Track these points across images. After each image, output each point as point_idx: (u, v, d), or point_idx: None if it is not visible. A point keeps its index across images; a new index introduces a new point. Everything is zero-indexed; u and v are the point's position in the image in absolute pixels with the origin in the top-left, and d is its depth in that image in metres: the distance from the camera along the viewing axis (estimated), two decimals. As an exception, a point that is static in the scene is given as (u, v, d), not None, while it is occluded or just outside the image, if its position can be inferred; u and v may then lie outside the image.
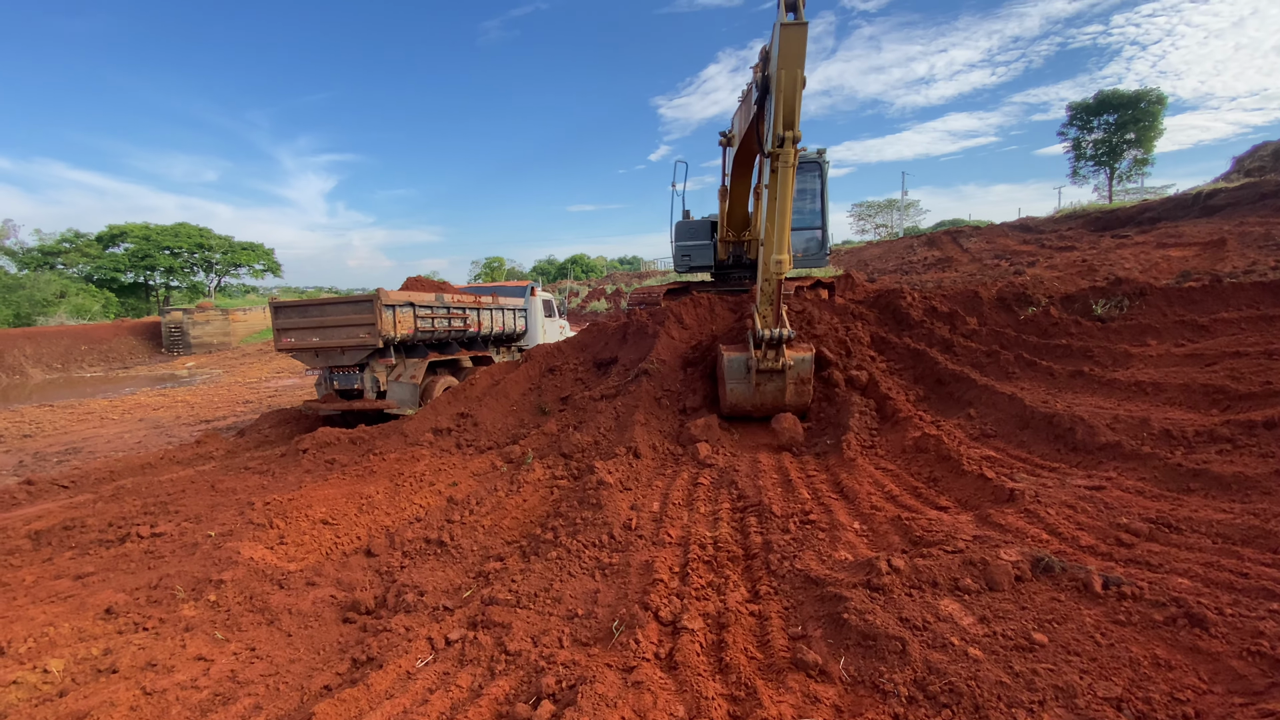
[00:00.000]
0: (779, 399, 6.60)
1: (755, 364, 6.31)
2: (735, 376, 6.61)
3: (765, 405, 6.73)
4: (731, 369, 6.61)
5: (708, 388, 6.95)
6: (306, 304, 10.00)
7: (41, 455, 10.15)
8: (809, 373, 6.46)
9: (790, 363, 6.39)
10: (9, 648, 3.45)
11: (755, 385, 6.59)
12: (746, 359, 6.45)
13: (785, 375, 6.44)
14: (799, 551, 3.52)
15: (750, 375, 6.47)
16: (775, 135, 5.62)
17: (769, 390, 6.61)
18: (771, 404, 6.67)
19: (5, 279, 38.45)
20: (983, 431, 5.66)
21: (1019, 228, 28.90)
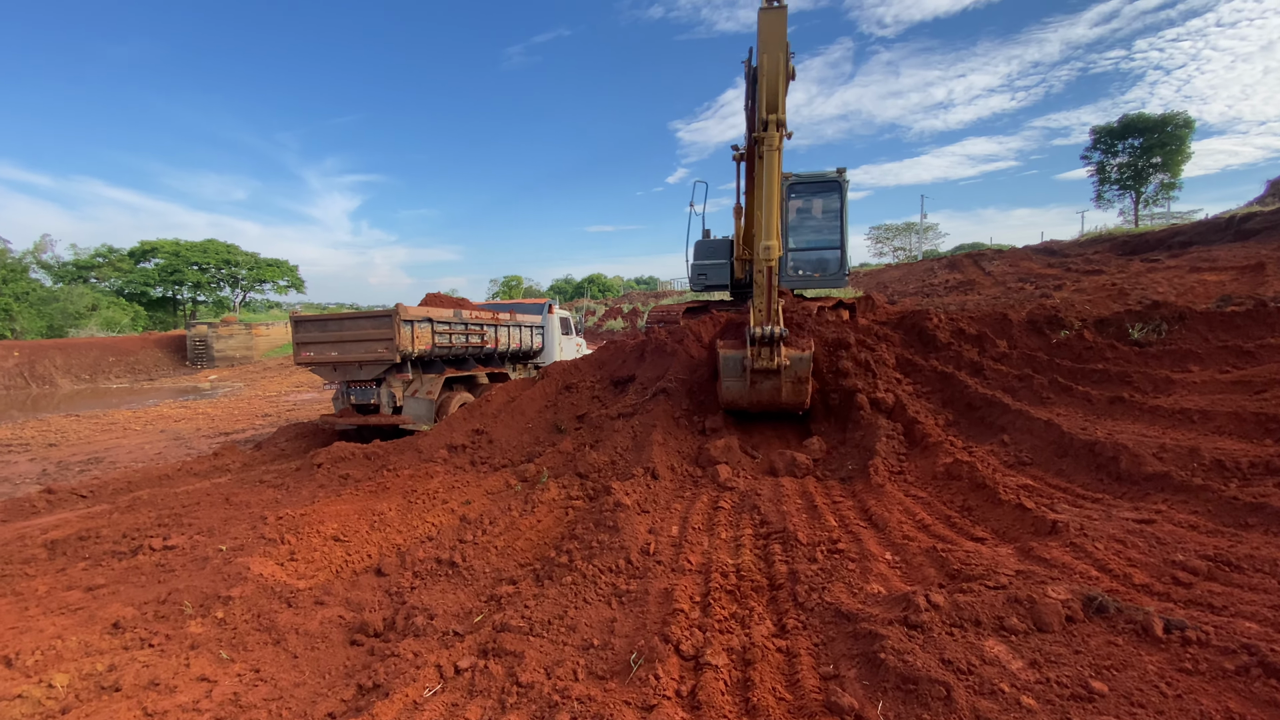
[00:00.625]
0: (775, 397, 6.52)
1: (750, 362, 6.24)
2: (731, 374, 6.56)
3: (761, 403, 6.69)
4: (727, 367, 6.56)
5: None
6: (326, 319, 10.05)
7: (65, 464, 10.23)
8: (806, 372, 6.33)
9: (786, 362, 6.28)
10: (16, 660, 3.37)
11: (751, 383, 6.52)
12: (742, 357, 6.38)
13: (781, 374, 6.34)
14: (828, 583, 3.32)
15: (746, 373, 6.40)
16: (760, 119, 5.62)
17: (765, 388, 6.53)
18: (768, 402, 6.61)
19: (40, 292, 39.57)
20: (1018, 459, 5.42)
21: (1043, 251, 28.47)
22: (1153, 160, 37.79)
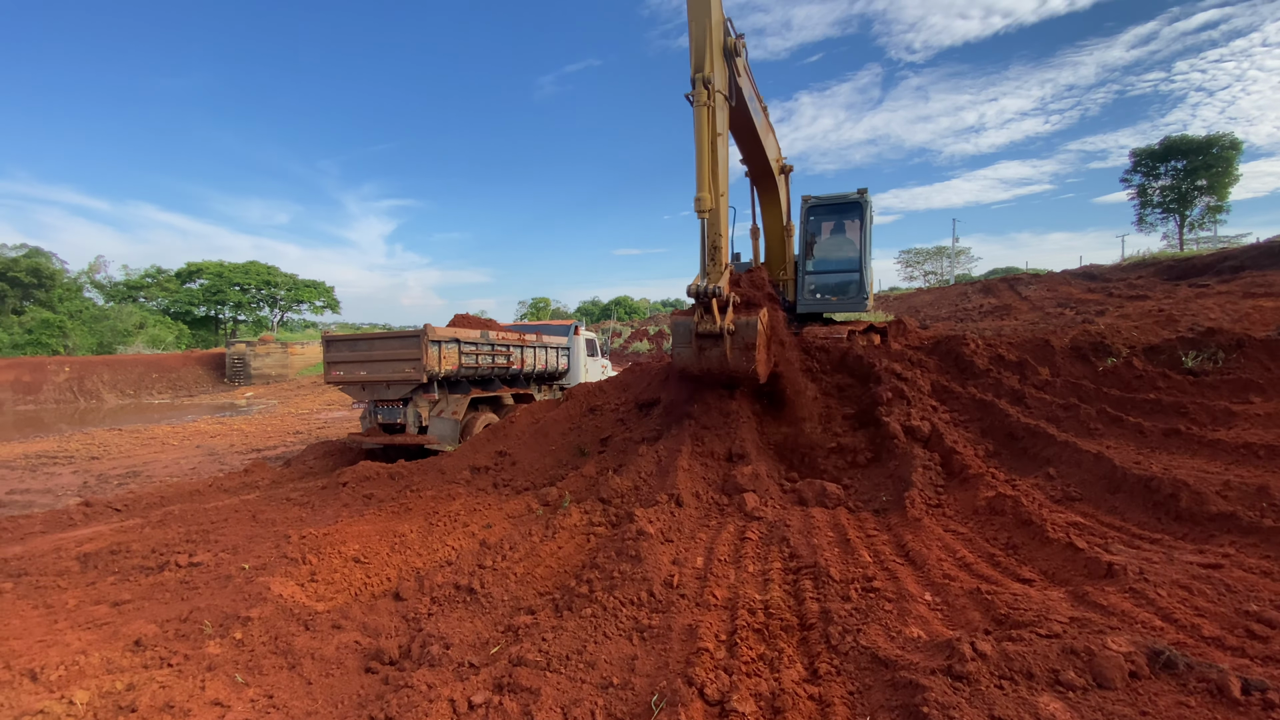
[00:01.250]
0: (722, 365, 6.34)
1: (693, 327, 6.16)
2: (680, 340, 6.51)
3: (711, 371, 6.52)
4: (676, 332, 6.54)
5: (756, 433, 6.61)
6: (356, 338, 10.20)
7: (105, 477, 10.50)
8: (753, 338, 6.12)
9: (731, 327, 6.13)
10: (41, 674, 3.37)
11: (699, 350, 6.42)
12: (690, 322, 6.29)
13: (725, 339, 6.17)
14: (863, 624, 3.12)
15: (693, 339, 6.33)
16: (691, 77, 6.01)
17: (713, 356, 6.38)
18: (717, 370, 6.46)
19: (93, 310, 41.40)
20: (1066, 494, 5.12)
21: (1083, 275, 27.62)
22: (1197, 183, 36.63)
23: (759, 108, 8.16)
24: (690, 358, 6.52)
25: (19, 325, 36.45)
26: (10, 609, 4.34)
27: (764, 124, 8.47)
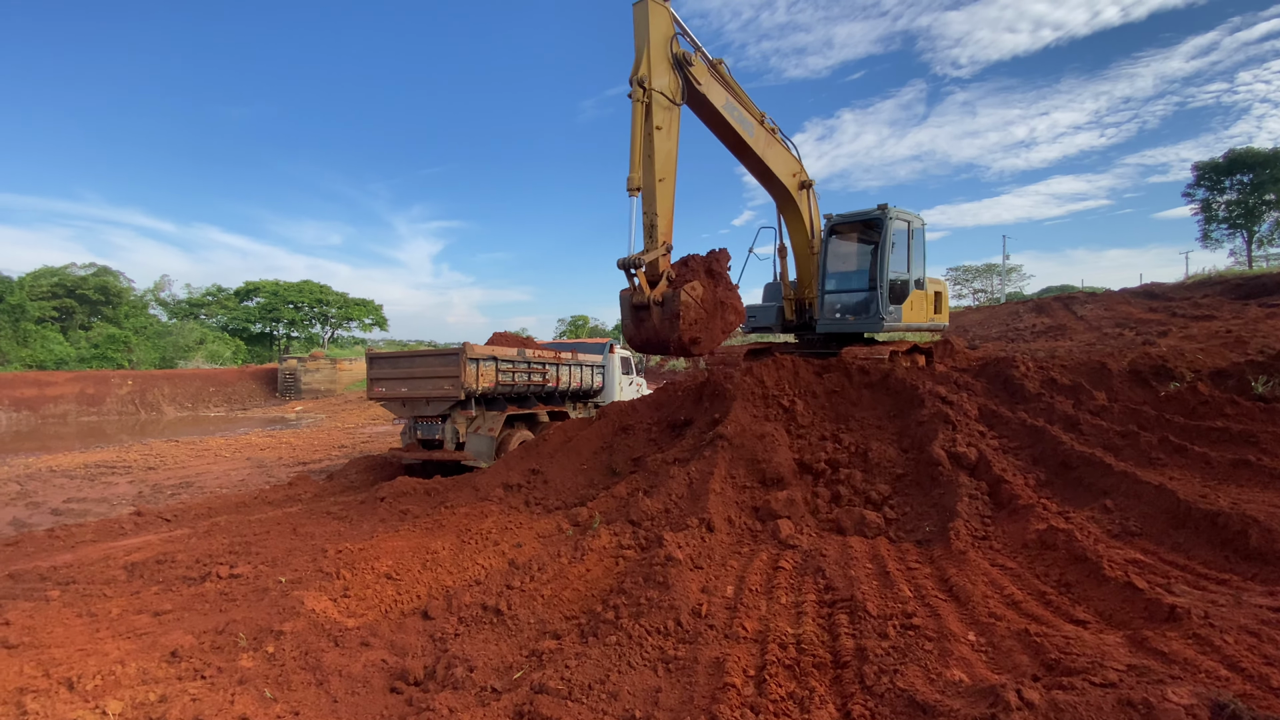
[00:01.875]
0: (653, 334, 7.00)
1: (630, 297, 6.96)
2: (624, 312, 7.17)
3: (649, 340, 7.18)
4: (621, 305, 7.23)
5: (791, 456, 6.44)
6: (398, 355, 10.44)
7: (159, 487, 10.95)
8: (677, 308, 6.71)
9: (658, 298, 6.83)
10: (78, 684, 3.47)
11: (636, 321, 7.09)
12: (627, 295, 7.01)
13: (652, 309, 6.86)
14: (901, 664, 2.95)
15: (630, 310, 7.03)
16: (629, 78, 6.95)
17: (648, 326, 7.02)
18: (652, 339, 7.07)
19: (156, 326, 43.76)
20: (1124, 528, 4.79)
21: (1143, 294, 26.32)
22: (1265, 197, 34.67)
23: (749, 120, 8.52)
24: (631, 328, 7.21)
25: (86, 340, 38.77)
26: (55, 617, 4.51)
27: (761, 137, 8.76)
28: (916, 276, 9.63)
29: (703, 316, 7.14)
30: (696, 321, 7.03)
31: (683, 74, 7.36)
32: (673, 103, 7.26)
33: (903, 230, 9.46)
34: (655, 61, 7.01)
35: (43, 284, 40.03)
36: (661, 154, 7.06)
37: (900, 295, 9.32)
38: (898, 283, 9.28)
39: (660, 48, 7.10)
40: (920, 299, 9.62)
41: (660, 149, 7.04)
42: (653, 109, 6.97)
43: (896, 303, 9.26)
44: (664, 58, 7.15)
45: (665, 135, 7.15)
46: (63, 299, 40.41)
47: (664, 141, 7.12)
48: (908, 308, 9.39)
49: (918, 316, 9.63)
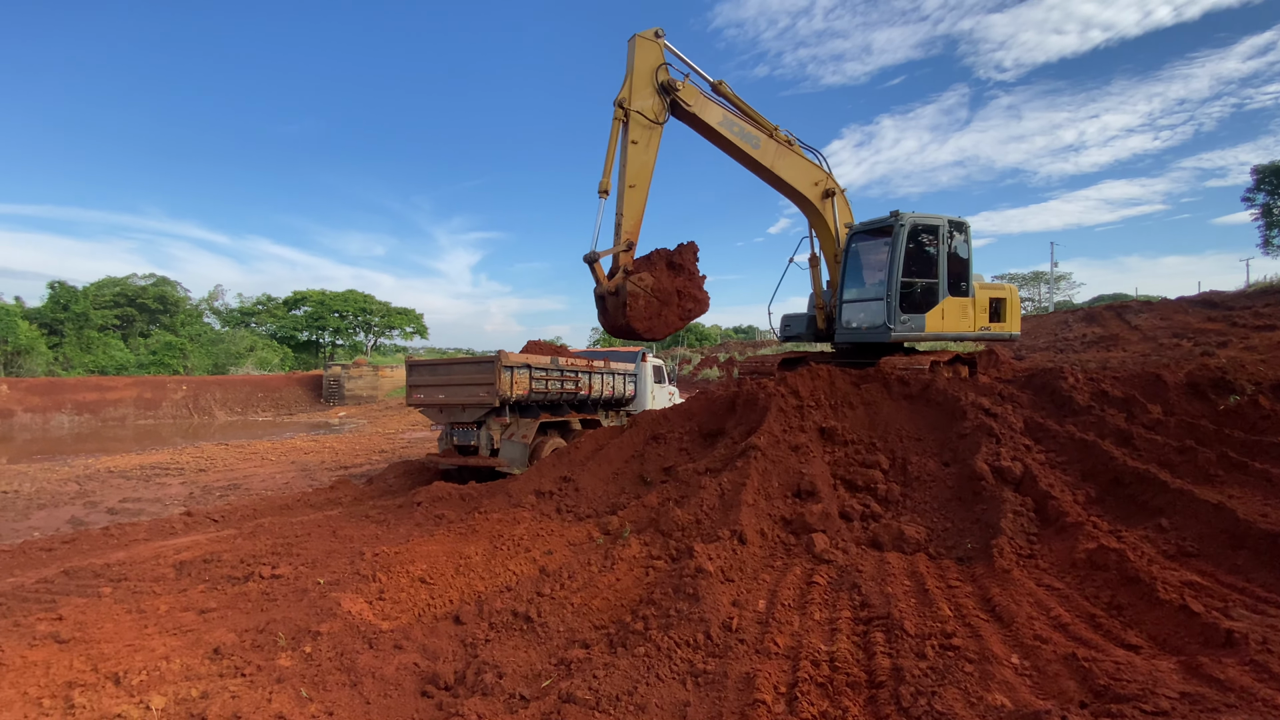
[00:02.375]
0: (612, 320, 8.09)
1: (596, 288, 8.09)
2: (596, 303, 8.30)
3: (611, 327, 8.31)
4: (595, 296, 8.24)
5: (828, 470, 6.31)
6: (436, 363, 10.66)
7: (209, 488, 11.40)
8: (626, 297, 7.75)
9: (612, 289, 7.89)
10: (124, 678, 3.60)
11: (601, 309, 8.27)
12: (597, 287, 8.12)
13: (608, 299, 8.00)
14: (939, 686, 2.84)
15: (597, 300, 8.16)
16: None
17: (608, 313, 8.14)
18: (614, 325, 8.18)
19: (210, 334, 45.77)
20: (1180, 548, 4.54)
21: (1201, 303, 25.01)
22: (1330, 201, 32.68)
23: (753, 134, 9.02)
24: (599, 316, 8.35)
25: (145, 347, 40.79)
26: (106, 613, 4.71)
27: (770, 150, 9.14)
28: (959, 281, 9.21)
29: (653, 304, 8.06)
30: (646, 309, 8.01)
31: (669, 98, 8.31)
32: (653, 123, 8.23)
33: (928, 235, 9.15)
34: (638, 87, 8.08)
35: (106, 294, 42.37)
36: (635, 165, 8.10)
37: (920, 303, 8.97)
38: (917, 290, 8.97)
39: (644, 75, 8.11)
40: (959, 307, 9.18)
41: (634, 160, 8.09)
42: (630, 126, 8.05)
43: (915, 311, 8.95)
44: (647, 84, 8.15)
45: (641, 149, 8.16)
46: (124, 308, 42.67)
47: (639, 154, 8.15)
48: (935, 316, 8.99)
49: (959, 325, 9.19)
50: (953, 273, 9.20)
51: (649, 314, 8.03)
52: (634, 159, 8.07)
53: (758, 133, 9.03)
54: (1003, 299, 9.72)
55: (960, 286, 9.26)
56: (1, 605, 5.01)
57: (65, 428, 26.56)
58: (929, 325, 9.03)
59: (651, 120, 8.18)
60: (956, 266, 9.27)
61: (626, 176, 8.04)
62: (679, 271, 8.30)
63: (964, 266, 9.37)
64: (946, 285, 9.10)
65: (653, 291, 8.00)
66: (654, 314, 8.08)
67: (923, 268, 9.17)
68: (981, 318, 9.38)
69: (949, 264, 9.20)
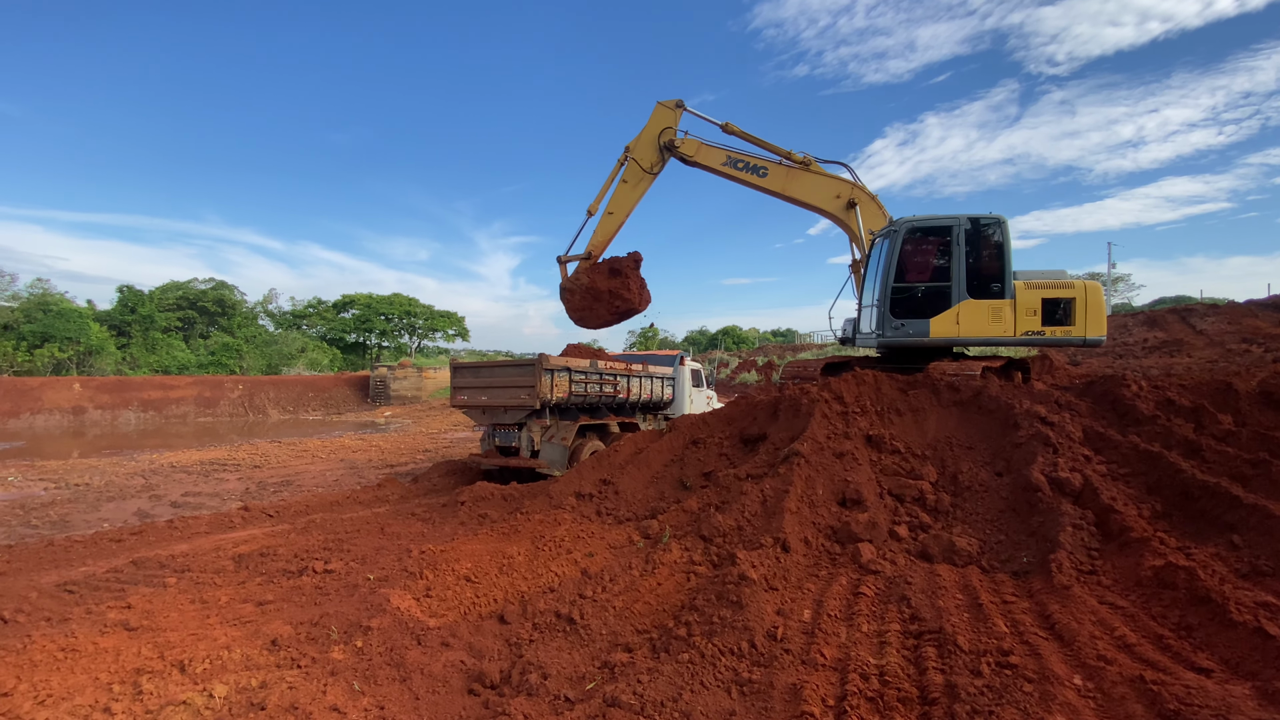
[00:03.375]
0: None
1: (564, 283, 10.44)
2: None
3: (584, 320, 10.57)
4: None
5: (873, 475, 6.17)
6: (479, 365, 10.86)
7: (264, 484, 11.86)
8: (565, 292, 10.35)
9: (564, 286, 10.26)
10: (189, 666, 3.78)
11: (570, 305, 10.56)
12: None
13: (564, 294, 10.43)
14: (996, 706, 2.75)
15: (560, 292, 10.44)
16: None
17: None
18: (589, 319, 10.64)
19: (264, 336, 47.70)
20: (1254, 567, 4.26)
21: (1273, 307, 23.55)
22: None
23: (758, 165, 10.16)
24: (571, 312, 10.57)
25: (204, 348, 42.77)
26: (172, 602, 4.95)
27: (778, 176, 10.12)
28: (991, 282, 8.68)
29: (587, 299, 10.13)
30: (580, 302, 10.21)
31: (669, 155, 10.20)
32: (645, 172, 10.16)
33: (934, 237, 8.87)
34: (643, 142, 10.08)
35: (169, 297, 44.64)
36: (619, 198, 10.13)
37: (922, 308, 8.73)
38: (917, 294, 8.80)
39: (651, 134, 10.08)
40: (987, 309, 8.59)
41: (620, 195, 10.11)
42: (627, 168, 10.03)
43: (915, 316, 8.74)
44: (651, 142, 10.08)
45: (629, 188, 10.14)
46: (185, 310, 44.86)
47: (625, 192, 10.15)
48: (945, 320, 8.63)
49: (987, 330, 8.57)
50: (979, 273, 8.71)
51: (582, 307, 10.22)
52: (620, 194, 10.08)
53: (765, 163, 10.07)
54: (1068, 299, 8.62)
55: (991, 288, 8.69)
56: (76, 593, 5.33)
57: (132, 424, 28.07)
58: (936, 330, 8.68)
59: (644, 170, 10.10)
60: (985, 266, 8.75)
61: (609, 205, 10.07)
62: (616, 275, 9.97)
63: (996, 266, 8.76)
64: (965, 287, 8.65)
65: (586, 289, 10.03)
66: (586, 307, 10.19)
67: (927, 271, 8.92)
68: (1028, 321, 8.61)
69: (978, 264, 8.74)
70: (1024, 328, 8.61)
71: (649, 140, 9.99)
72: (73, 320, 35.60)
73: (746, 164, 10.07)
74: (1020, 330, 8.60)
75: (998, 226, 8.78)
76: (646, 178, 10.14)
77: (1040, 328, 8.59)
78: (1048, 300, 8.62)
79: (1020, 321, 8.58)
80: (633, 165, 9.97)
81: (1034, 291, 8.64)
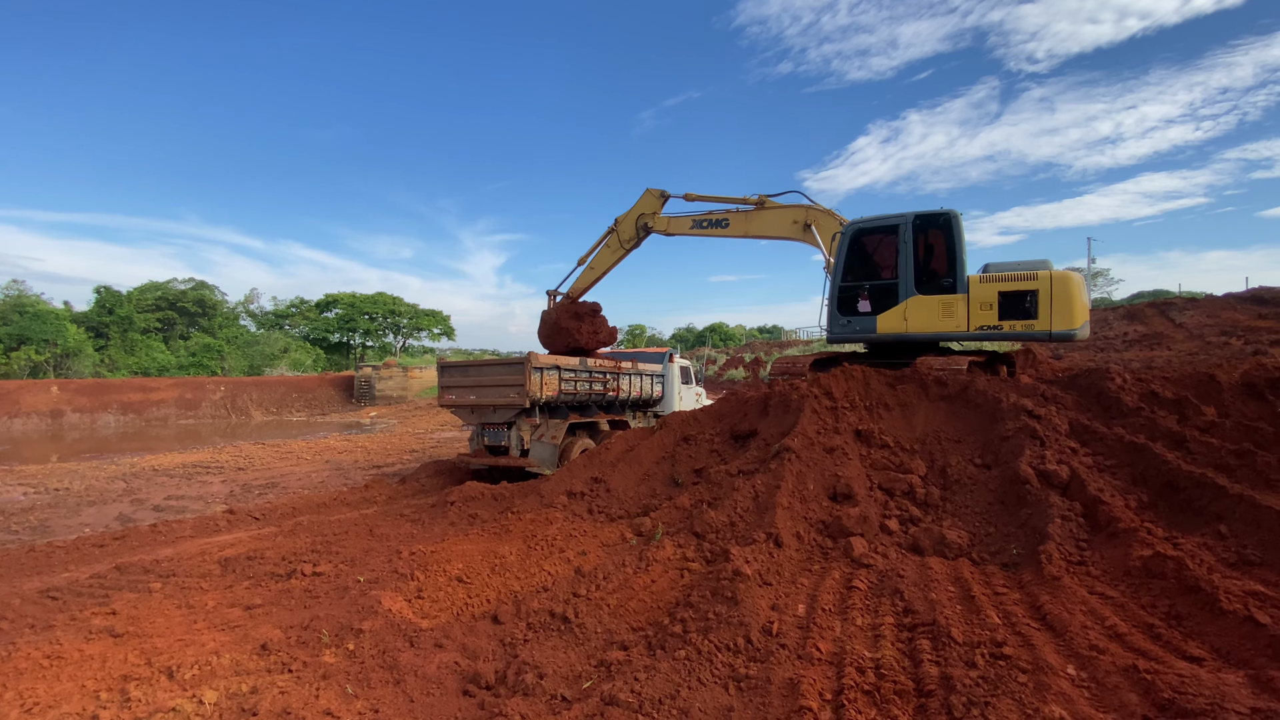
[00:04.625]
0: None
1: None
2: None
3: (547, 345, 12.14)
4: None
5: (863, 470, 6.20)
6: (467, 364, 10.78)
7: (248, 487, 11.70)
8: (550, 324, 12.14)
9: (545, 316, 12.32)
10: (177, 672, 3.70)
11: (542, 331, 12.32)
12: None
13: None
14: (992, 696, 2.76)
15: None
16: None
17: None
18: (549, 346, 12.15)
19: (246, 336, 47.04)
20: (1241, 556, 4.34)
21: (1251, 299, 24.03)
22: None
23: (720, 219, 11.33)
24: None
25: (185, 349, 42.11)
26: (158, 608, 4.85)
27: (739, 224, 11.18)
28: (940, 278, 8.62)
29: (550, 331, 12.11)
30: (545, 333, 12.22)
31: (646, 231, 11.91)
32: (622, 244, 12.06)
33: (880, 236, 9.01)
34: (627, 220, 11.96)
35: (148, 298, 43.87)
36: (600, 259, 12.31)
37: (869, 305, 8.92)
38: (863, 291, 9.01)
39: (634, 214, 11.90)
40: (936, 304, 8.46)
41: (601, 256, 12.28)
42: (611, 237, 12.07)
43: (860, 313, 8.99)
44: (632, 221, 11.91)
45: (609, 253, 12.21)
46: (165, 311, 44.12)
47: (606, 254, 12.24)
48: (893, 316, 8.69)
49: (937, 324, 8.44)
50: (929, 268, 8.74)
51: (546, 335, 12.22)
52: (602, 256, 12.24)
53: (725, 215, 11.28)
54: (1030, 291, 8.04)
55: (942, 283, 8.55)
56: (59, 600, 5.21)
57: (111, 427, 27.56)
58: (883, 326, 8.78)
59: (622, 242, 12.02)
60: (935, 262, 8.74)
61: (593, 261, 12.29)
62: (576, 319, 12.03)
63: (947, 261, 8.58)
64: (913, 283, 8.63)
65: (554, 323, 12.06)
66: (548, 335, 12.17)
67: (875, 269, 9.08)
68: (983, 315, 8.22)
69: (928, 259, 8.78)
70: (978, 322, 8.26)
71: (631, 219, 11.90)
72: (49, 322, 34.89)
73: (710, 221, 11.50)
74: (974, 325, 8.28)
75: (948, 222, 8.57)
76: (622, 250, 12.11)
77: (997, 322, 8.19)
78: (1006, 293, 8.17)
79: (974, 316, 8.27)
80: (614, 237, 12.04)
81: (989, 285, 8.24)
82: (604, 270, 12.35)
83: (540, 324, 12.36)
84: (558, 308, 12.31)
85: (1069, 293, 7.89)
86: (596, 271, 12.32)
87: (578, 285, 12.46)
